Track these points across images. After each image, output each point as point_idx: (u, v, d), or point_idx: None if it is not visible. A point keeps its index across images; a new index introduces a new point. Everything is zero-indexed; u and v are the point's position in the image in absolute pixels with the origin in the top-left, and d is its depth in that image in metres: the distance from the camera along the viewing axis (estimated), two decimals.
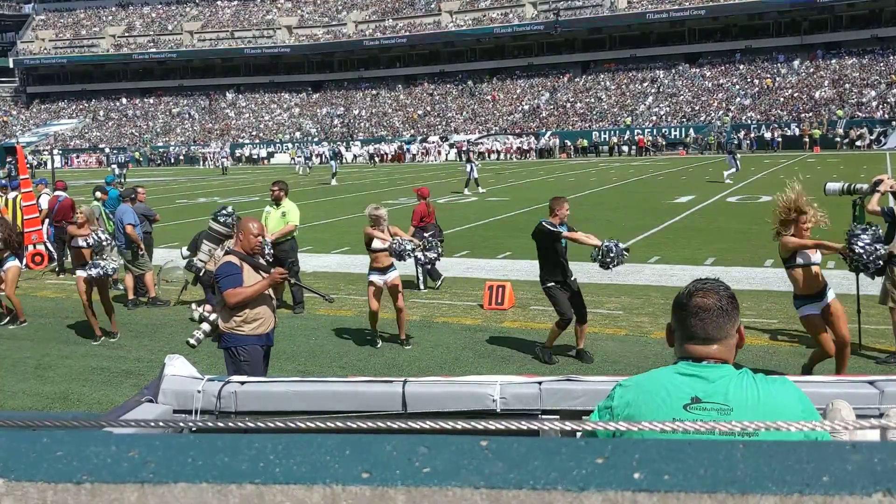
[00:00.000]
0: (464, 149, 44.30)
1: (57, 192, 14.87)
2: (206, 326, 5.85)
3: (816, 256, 6.74)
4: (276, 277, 5.80)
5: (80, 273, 9.78)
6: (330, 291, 11.87)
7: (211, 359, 8.69)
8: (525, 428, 0.95)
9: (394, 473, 0.77)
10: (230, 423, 1.00)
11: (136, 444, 0.83)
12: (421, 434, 0.85)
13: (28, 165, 16.83)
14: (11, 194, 14.71)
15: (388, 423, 0.95)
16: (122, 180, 43.74)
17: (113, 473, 0.78)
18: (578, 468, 0.76)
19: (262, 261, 6.08)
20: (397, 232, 8.89)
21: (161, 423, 1.14)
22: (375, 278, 8.86)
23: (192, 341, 5.94)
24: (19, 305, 10.81)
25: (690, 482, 0.74)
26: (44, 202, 15.67)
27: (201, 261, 6.28)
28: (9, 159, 44.71)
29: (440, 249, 9.02)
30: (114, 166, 50.99)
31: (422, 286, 11.80)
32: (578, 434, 2.03)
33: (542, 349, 8.23)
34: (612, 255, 7.71)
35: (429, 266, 10.75)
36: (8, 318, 10.89)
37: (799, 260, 6.69)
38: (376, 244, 8.72)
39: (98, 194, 13.45)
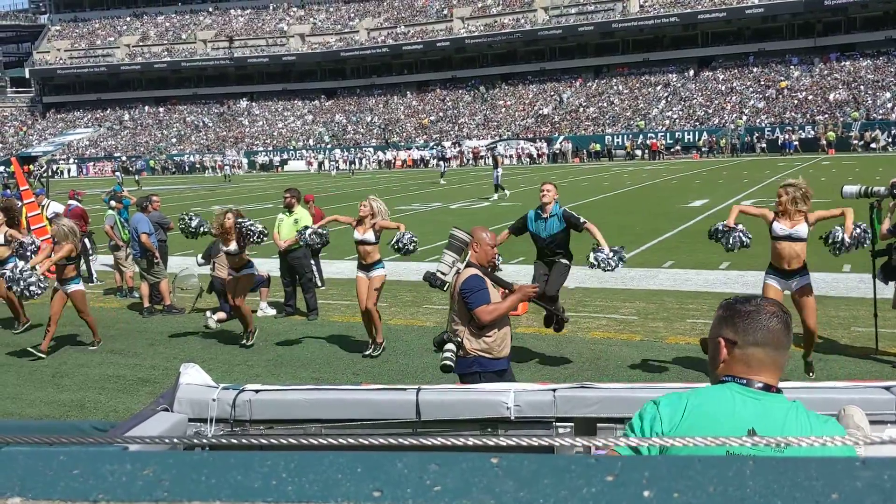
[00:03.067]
0: (494, 153, 44.66)
1: (70, 202, 14.99)
2: (453, 346, 5.31)
3: (780, 231, 7.04)
4: (528, 293, 5.35)
5: (74, 287, 9.66)
6: (343, 298, 11.94)
7: (225, 367, 8.74)
8: (537, 444, 0.96)
9: (405, 492, 0.78)
10: (243, 440, 1.01)
11: (150, 462, 0.84)
12: (432, 451, 0.85)
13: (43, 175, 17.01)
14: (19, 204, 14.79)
15: (400, 440, 0.96)
16: (138, 187, 44.09)
17: (128, 492, 0.79)
18: (588, 486, 0.77)
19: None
20: (384, 225, 8.86)
21: (176, 441, 1.16)
22: (360, 274, 8.90)
23: (448, 363, 5.32)
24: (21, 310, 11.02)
25: (700, 500, 0.75)
26: (58, 209, 15.77)
27: (442, 273, 5.53)
28: (4, 170, 45.09)
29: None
30: (118, 173, 51.46)
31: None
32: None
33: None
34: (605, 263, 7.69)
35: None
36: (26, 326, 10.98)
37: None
38: (355, 235, 8.86)
39: (113, 203, 13.54)
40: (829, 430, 2.01)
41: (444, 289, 5.57)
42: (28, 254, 10.56)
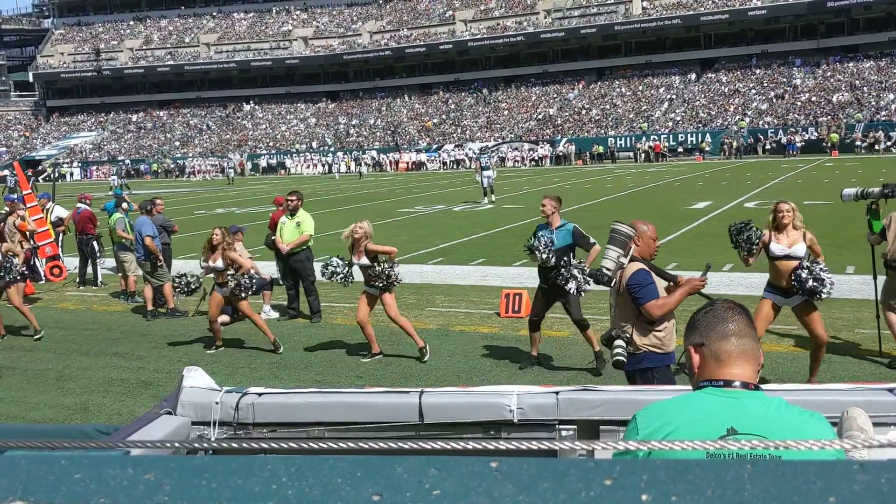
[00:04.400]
0: (478, 156, 44.88)
1: (78, 205, 15.03)
2: (622, 342, 5.24)
3: (779, 251, 6.99)
4: (696, 285, 5.29)
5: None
6: (346, 301, 11.93)
7: (228, 370, 8.75)
8: (536, 448, 0.96)
9: (404, 496, 0.78)
10: (244, 444, 1.02)
11: (152, 467, 0.84)
12: (432, 455, 0.86)
13: (48, 178, 17.16)
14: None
15: (401, 444, 0.96)
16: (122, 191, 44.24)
17: (129, 496, 0.80)
18: (587, 490, 0.77)
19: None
20: (374, 248, 8.74)
21: (177, 444, 1.16)
22: (368, 290, 8.86)
23: (620, 358, 5.23)
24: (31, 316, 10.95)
25: (698, 503, 0.75)
26: (62, 213, 15.83)
27: (608, 269, 5.37)
28: (6, 173, 45.60)
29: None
30: (113, 178, 51.77)
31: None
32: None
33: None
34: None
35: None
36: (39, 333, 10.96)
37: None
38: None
39: (124, 205, 13.56)
40: (813, 424, 1.99)
41: (611, 284, 5.44)
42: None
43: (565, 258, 7.73)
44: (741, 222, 7.26)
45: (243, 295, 9.30)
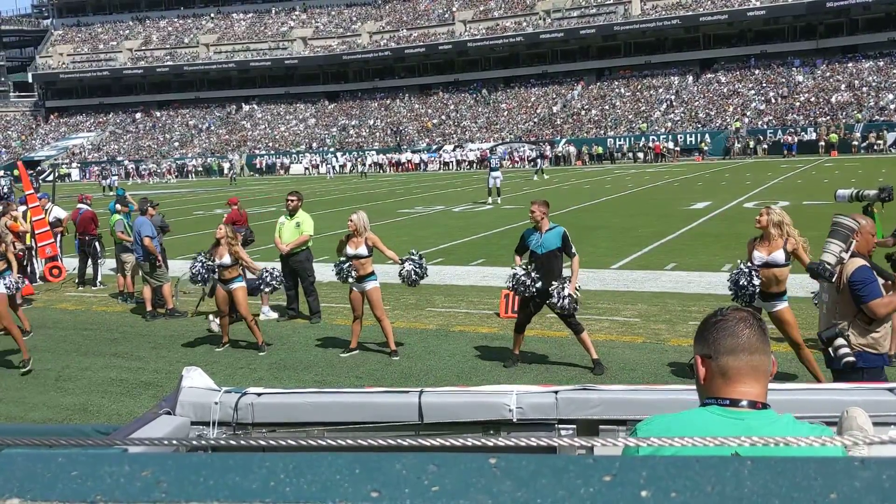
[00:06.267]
0: (488, 156, 44.84)
1: (79, 205, 15.00)
2: (844, 341, 5.03)
3: (759, 260, 7.03)
4: None
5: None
6: (346, 301, 11.92)
7: (228, 370, 8.75)
8: (535, 444, 0.95)
9: (402, 492, 0.77)
10: (242, 441, 1.01)
11: (149, 464, 0.84)
12: (431, 452, 0.85)
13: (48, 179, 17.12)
14: (21, 209, 14.79)
15: (399, 441, 0.96)
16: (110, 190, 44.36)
17: (126, 493, 0.79)
18: (586, 486, 0.77)
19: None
20: (376, 242, 8.95)
21: (174, 442, 1.15)
22: (353, 288, 8.97)
23: (851, 359, 5.02)
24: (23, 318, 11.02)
25: (698, 500, 0.74)
26: (60, 214, 15.81)
27: (829, 263, 5.16)
28: (5, 173, 45.71)
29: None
30: (114, 178, 51.85)
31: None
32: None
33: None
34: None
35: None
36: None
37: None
38: (347, 250, 8.96)
39: (118, 206, 13.54)
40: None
41: (832, 280, 5.23)
42: None
43: (555, 283, 7.84)
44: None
45: (267, 290, 9.68)
